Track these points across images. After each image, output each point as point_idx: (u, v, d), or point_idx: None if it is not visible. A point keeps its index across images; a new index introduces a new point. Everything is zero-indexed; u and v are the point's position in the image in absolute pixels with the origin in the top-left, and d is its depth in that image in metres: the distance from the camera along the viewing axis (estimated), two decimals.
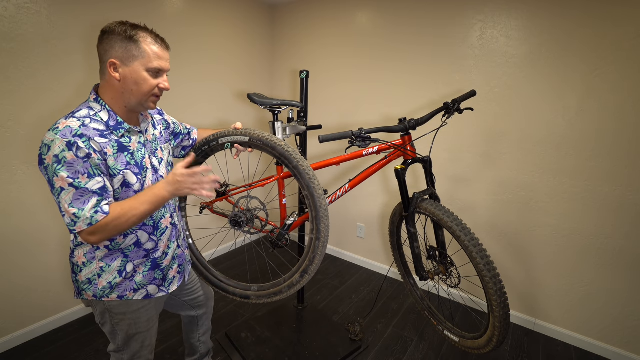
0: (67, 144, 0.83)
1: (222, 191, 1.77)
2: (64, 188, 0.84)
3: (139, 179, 0.98)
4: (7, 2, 1.55)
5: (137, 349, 1.12)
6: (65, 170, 0.83)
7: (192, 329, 1.44)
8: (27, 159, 1.70)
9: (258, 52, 2.90)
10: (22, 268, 1.76)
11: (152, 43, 0.91)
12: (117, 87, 0.92)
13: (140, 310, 1.08)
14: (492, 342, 1.31)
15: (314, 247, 1.15)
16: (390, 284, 2.50)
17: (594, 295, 1.83)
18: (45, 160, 0.84)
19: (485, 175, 2.07)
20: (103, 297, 1.01)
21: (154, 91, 0.96)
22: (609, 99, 1.65)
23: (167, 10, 2.17)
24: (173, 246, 1.15)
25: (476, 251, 1.23)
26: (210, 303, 1.46)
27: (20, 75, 1.63)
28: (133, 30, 0.89)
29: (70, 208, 0.85)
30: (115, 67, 0.90)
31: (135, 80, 0.91)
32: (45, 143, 0.84)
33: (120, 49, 0.89)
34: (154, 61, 0.91)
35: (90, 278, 1.00)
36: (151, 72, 0.92)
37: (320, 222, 1.11)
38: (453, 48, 2.05)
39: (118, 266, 1.01)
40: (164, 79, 0.97)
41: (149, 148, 1.05)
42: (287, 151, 1.11)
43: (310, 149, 2.83)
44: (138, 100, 0.94)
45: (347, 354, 1.76)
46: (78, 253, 1.00)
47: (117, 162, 0.92)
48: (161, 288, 1.11)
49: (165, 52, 0.95)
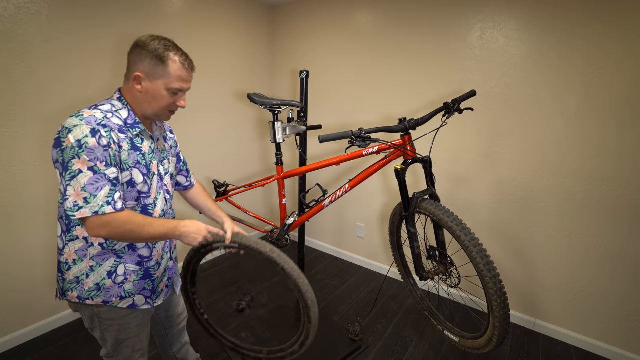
0: (92, 130, 0.86)
1: (222, 191, 1.77)
2: (82, 170, 0.85)
3: (145, 180, 1.00)
4: (7, 2, 1.55)
5: (128, 354, 1.09)
6: (86, 155, 0.85)
7: (166, 348, 1.39)
8: (27, 158, 1.70)
9: (258, 52, 2.90)
10: (22, 268, 1.76)
11: (179, 68, 0.96)
12: (138, 97, 0.98)
13: (130, 316, 1.05)
14: (492, 342, 1.31)
15: (307, 329, 1.39)
16: (390, 284, 2.50)
17: (594, 295, 1.83)
18: (64, 142, 0.85)
19: (485, 176, 2.07)
20: (87, 299, 0.98)
21: (171, 108, 1.01)
22: (609, 99, 1.65)
23: (167, 10, 2.17)
24: (166, 257, 1.14)
25: (476, 251, 1.23)
26: (181, 321, 1.37)
27: (20, 75, 1.63)
28: (165, 51, 0.94)
29: (82, 191, 0.85)
30: (139, 80, 0.95)
31: (154, 95, 0.96)
32: (66, 127, 0.86)
33: (148, 65, 0.94)
34: (176, 82, 0.97)
35: (79, 277, 0.97)
36: (170, 92, 0.97)
37: (310, 311, 1.34)
38: (453, 48, 2.05)
39: (109, 267, 0.99)
40: (182, 97, 1.02)
41: (158, 156, 1.07)
42: (271, 256, 1.26)
43: (310, 149, 2.83)
44: (154, 112, 1.00)
45: (347, 354, 1.76)
46: (68, 250, 0.97)
47: (129, 158, 0.95)
48: (148, 300, 1.08)
49: (190, 74, 1.01)
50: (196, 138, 2.50)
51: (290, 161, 3.03)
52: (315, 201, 1.63)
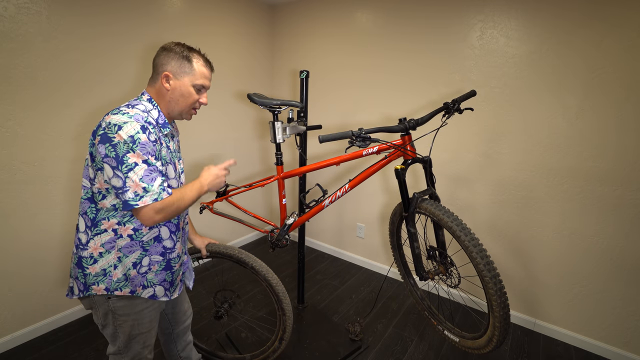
0: (142, 127, 0.93)
1: (221, 191, 1.77)
2: (137, 163, 0.91)
3: (175, 176, 1.09)
4: (7, 2, 1.55)
5: (138, 350, 1.12)
6: (139, 149, 0.92)
7: (170, 348, 1.40)
8: (27, 158, 1.70)
9: (258, 52, 2.90)
10: (22, 268, 1.76)
11: (203, 65, 1.07)
12: (165, 96, 1.05)
13: (144, 311, 1.09)
14: (492, 342, 1.31)
15: (283, 322, 1.48)
16: (390, 284, 2.50)
17: (594, 295, 1.83)
18: (115, 138, 0.89)
19: (485, 175, 2.07)
20: (116, 290, 1.01)
21: (195, 105, 1.09)
22: (609, 99, 1.65)
23: (167, 10, 2.17)
24: (183, 250, 1.19)
25: (476, 251, 1.23)
26: (187, 318, 1.40)
27: (21, 75, 1.63)
28: (190, 52, 1.05)
29: (140, 182, 0.91)
30: (167, 79, 1.03)
31: (182, 92, 1.05)
32: (114, 123, 0.90)
33: (175, 65, 1.03)
34: (200, 79, 1.06)
35: (106, 269, 1.00)
36: (196, 88, 1.06)
37: (282, 303, 1.45)
38: (453, 48, 2.05)
39: (135, 258, 1.03)
40: (204, 95, 1.11)
41: (176, 155, 1.15)
42: (240, 257, 1.43)
43: (310, 149, 2.83)
44: (180, 110, 1.08)
45: (347, 354, 1.76)
46: (94, 243, 1.00)
47: (166, 155, 1.04)
48: (167, 292, 1.12)
49: (210, 73, 1.10)
50: (196, 138, 2.50)
51: (290, 161, 3.03)
52: (315, 201, 1.63)
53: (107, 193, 0.97)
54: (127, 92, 2.03)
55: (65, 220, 1.89)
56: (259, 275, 1.43)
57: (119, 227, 1.00)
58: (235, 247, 1.45)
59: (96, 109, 1.91)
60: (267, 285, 1.44)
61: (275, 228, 1.76)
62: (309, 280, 2.52)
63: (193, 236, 1.44)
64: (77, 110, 1.84)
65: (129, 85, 2.04)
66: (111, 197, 0.97)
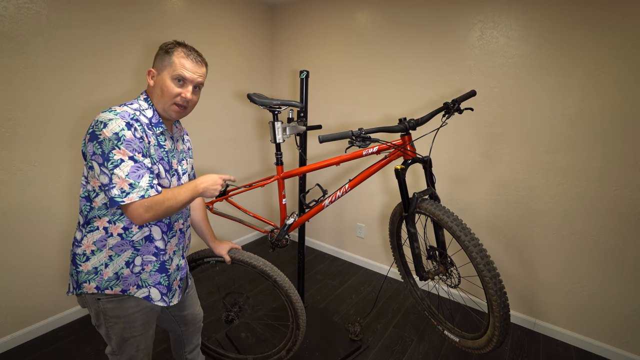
0: (127, 124, 0.92)
1: (221, 191, 1.77)
2: (123, 160, 0.90)
3: (166, 175, 1.05)
4: (7, 2, 1.55)
5: (132, 353, 1.10)
6: (124, 146, 0.90)
7: (179, 347, 1.41)
8: (27, 158, 1.70)
9: (258, 51, 2.90)
10: (22, 268, 1.76)
11: (183, 57, 1.01)
12: (152, 93, 1.04)
13: (135, 315, 1.06)
14: (492, 342, 1.31)
15: (295, 335, 1.50)
16: (390, 284, 2.50)
17: (594, 295, 1.83)
18: (101, 135, 0.89)
19: (485, 175, 2.07)
20: (107, 289, 1.00)
21: (176, 100, 1.02)
22: (609, 99, 1.65)
23: (167, 10, 2.17)
24: (178, 254, 1.16)
25: (476, 251, 1.23)
26: (198, 322, 1.41)
27: (20, 75, 1.63)
28: (174, 46, 1.01)
29: (127, 179, 0.90)
30: (152, 75, 1.03)
31: (161, 86, 1.01)
32: (101, 120, 0.90)
33: (158, 60, 1.02)
34: (178, 69, 1.00)
35: (97, 267, 0.99)
36: (174, 81, 1.01)
37: (299, 319, 1.46)
38: (453, 48, 2.05)
39: (127, 257, 1.02)
40: (187, 89, 1.03)
41: (177, 156, 1.13)
42: (264, 269, 1.42)
43: (310, 149, 2.83)
44: (162, 106, 1.03)
45: (347, 354, 1.76)
46: (87, 241, 0.99)
47: (155, 153, 1.01)
48: (164, 297, 1.10)
49: (196, 65, 1.03)
50: (196, 138, 2.50)
51: (290, 161, 3.03)
52: (315, 201, 1.63)
53: (100, 191, 0.96)
54: (127, 92, 2.03)
55: (65, 221, 1.89)
56: (280, 289, 1.42)
57: (109, 225, 0.99)
58: (258, 257, 1.44)
59: (96, 109, 1.91)
60: (286, 299, 1.44)
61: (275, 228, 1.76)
62: (309, 280, 2.51)
63: (213, 243, 1.40)
64: (77, 110, 1.84)
65: (129, 86, 2.04)
66: (102, 195, 0.97)
